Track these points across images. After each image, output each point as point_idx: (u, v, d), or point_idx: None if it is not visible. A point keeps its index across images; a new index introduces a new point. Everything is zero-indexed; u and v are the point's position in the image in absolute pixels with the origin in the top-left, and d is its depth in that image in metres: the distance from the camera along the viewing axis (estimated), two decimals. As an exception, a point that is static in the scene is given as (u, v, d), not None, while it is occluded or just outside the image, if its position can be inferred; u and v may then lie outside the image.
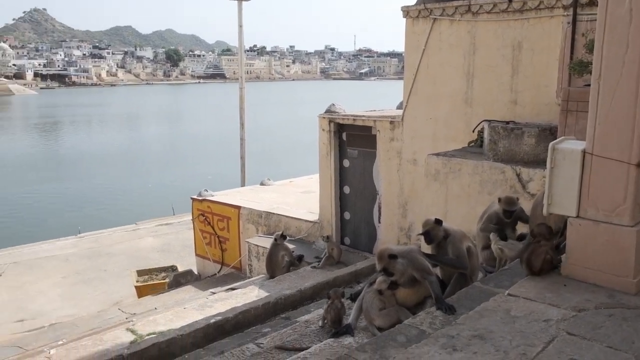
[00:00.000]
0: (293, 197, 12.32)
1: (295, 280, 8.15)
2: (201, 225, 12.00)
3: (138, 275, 11.62)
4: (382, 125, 8.55)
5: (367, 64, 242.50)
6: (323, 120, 9.54)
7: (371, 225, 9.29)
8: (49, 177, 32.76)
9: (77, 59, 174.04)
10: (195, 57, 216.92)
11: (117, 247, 15.32)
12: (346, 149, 9.48)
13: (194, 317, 6.75)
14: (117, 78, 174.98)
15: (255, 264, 10.14)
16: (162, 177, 32.47)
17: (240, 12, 19.48)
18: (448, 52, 7.48)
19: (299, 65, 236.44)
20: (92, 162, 37.87)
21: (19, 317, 10.92)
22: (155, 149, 45.26)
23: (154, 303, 9.78)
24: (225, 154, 35.67)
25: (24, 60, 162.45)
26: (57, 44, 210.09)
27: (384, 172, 8.66)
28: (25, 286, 12.55)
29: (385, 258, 3.86)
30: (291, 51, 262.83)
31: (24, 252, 15.15)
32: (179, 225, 16.75)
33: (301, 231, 10.24)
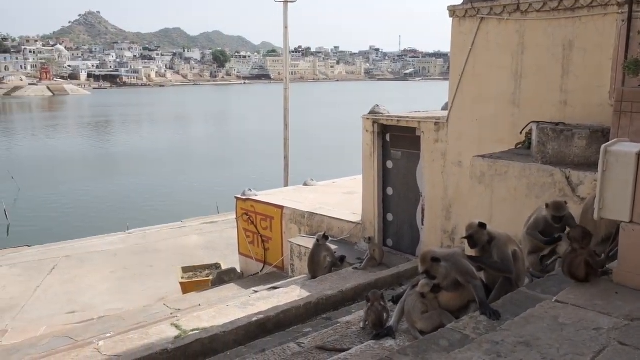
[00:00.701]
0: (336, 197, 12.32)
1: (336, 281, 8.15)
2: (245, 224, 12.14)
3: (183, 272, 11.86)
4: (426, 127, 8.45)
5: (411, 64, 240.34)
6: (367, 121, 9.51)
7: (414, 228, 9.19)
8: (100, 174, 33.88)
9: (128, 60, 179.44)
10: (241, 58, 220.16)
11: (163, 243, 15.69)
12: (390, 150, 9.41)
13: (237, 314, 6.84)
14: (166, 79, 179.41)
15: (297, 263, 10.19)
16: (208, 176, 33.08)
17: (286, 14, 19.64)
18: (495, 52, 7.33)
19: (343, 66, 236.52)
20: (141, 160, 38.94)
21: (70, 309, 11.34)
22: (201, 148, 46.16)
23: (198, 299, 9.96)
24: (269, 154, 36.00)
25: (78, 61, 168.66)
26: (110, 45, 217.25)
27: (428, 173, 8.55)
28: (76, 279, 13.01)
29: (428, 261, 3.82)
30: (335, 52, 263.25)
31: (75, 247, 15.71)
32: (223, 224, 17.02)
33: (343, 232, 10.24)
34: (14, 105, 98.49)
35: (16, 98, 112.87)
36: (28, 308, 11.41)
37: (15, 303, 11.62)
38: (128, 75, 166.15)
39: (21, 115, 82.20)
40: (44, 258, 14.61)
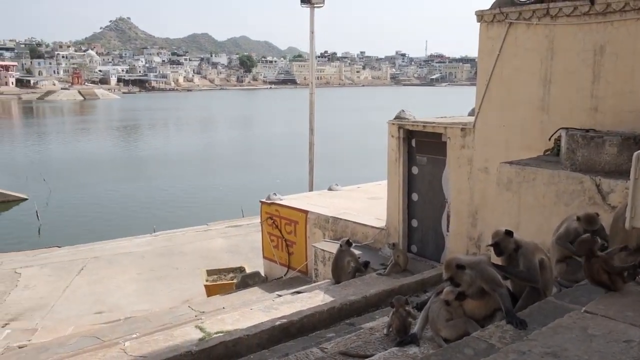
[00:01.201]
0: (360, 203, 12.30)
1: (360, 287, 8.12)
2: (269, 228, 12.19)
3: (208, 275, 11.96)
4: (452, 132, 8.38)
5: (438, 69, 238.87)
6: (392, 126, 9.47)
7: (439, 234, 9.11)
8: (129, 177, 34.43)
9: (156, 65, 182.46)
10: (267, 63, 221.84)
11: (189, 246, 15.86)
12: (415, 156, 9.36)
13: (260, 318, 6.87)
14: (193, 83, 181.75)
15: (321, 268, 10.19)
16: (233, 179, 33.34)
17: (312, 19, 19.72)
18: (524, 57, 7.23)
19: (369, 71, 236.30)
20: (168, 163, 39.47)
21: (97, 310, 11.53)
22: (227, 152, 46.58)
23: (222, 302, 10.03)
24: (294, 159, 36.12)
25: (108, 66, 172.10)
26: (139, 51, 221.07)
27: (454, 179, 8.47)
28: (104, 280, 13.24)
29: (453, 267, 3.78)
30: (361, 57, 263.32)
31: (104, 248, 15.99)
32: (248, 228, 17.12)
33: (368, 237, 10.20)
34: (47, 108, 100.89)
35: (49, 102, 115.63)
36: (57, 308, 11.65)
37: (45, 302, 11.87)
38: (156, 80, 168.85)
39: (53, 118, 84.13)
40: (73, 259, 14.90)
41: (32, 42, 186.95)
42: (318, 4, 19.45)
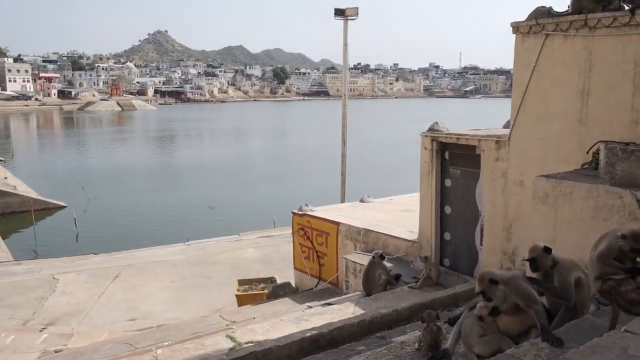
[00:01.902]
0: (392, 215, 12.21)
1: (391, 300, 8.04)
2: (300, 239, 12.21)
3: (239, 285, 12.03)
4: (487, 145, 8.26)
5: (472, 81, 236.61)
6: (425, 138, 9.40)
7: (472, 248, 8.96)
8: (163, 186, 35.07)
9: (192, 77, 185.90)
10: (301, 75, 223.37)
11: (221, 256, 16.01)
12: (448, 168, 9.26)
13: (290, 329, 6.86)
14: (228, 95, 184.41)
15: (352, 280, 10.14)
16: (265, 190, 33.58)
17: (346, 31, 19.81)
18: (561, 69, 7.10)
19: (402, 83, 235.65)
20: (202, 173, 40.03)
21: (131, 317, 11.72)
22: (260, 162, 47.01)
23: (252, 312, 10.07)
24: (327, 170, 36.19)
25: (146, 78, 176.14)
26: (176, 63, 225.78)
27: (488, 193, 8.34)
28: (137, 288, 13.46)
29: (486, 282, 3.71)
30: (394, 69, 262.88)
31: (138, 256, 16.28)
32: (280, 238, 17.19)
33: (399, 250, 10.11)
34: (87, 119, 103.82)
35: (88, 112, 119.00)
36: (92, 314, 11.89)
37: (81, 308, 12.14)
38: (192, 92, 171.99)
39: (92, 129, 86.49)
40: (108, 266, 15.22)
41: (74, 54, 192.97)
42: (352, 16, 19.55)
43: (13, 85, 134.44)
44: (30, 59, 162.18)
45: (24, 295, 12.90)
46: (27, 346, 9.85)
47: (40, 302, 12.50)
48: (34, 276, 14.47)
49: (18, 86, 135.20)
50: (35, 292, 13.15)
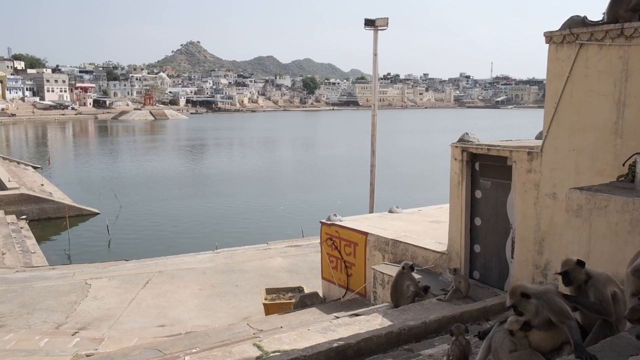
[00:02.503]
0: (421, 226, 12.11)
1: (419, 312, 7.95)
2: (328, 249, 12.19)
3: (267, 294, 12.06)
4: (518, 156, 8.13)
5: (504, 91, 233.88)
6: (455, 149, 9.31)
7: (503, 260, 8.81)
8: (193, 194, 35.51)
9: (223, 87, 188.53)
10: (330, 85, 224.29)
11: (249, 264, 16.09)
12: (479, 179, 9.14)
13: (317, 339, 6.84)
14: (258, 104, 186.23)
15: (379, 291, 10.07)
16: (294, 200, 33.68)
17: (376, 41, 19.83)
18: (596, 79, 6.96)
19: (432, 93, 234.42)
20: (231, 182, 40.42)
21: (160, 323, 11.85)
22: (288, 172, 47.22)
23: (280, 322, 10.08)
24: (355, 180, 36.17)
25: (178, 88, 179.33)
26: (207, 73, 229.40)
27: (519, 205, 8.20)
28: (167, 294, 13.62)
29: (517, 295, 3.64)
30: (424, 79, 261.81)
31: (167, 263, 16.49)
32: (307, 248, 17.20)
33: (428, 261, 10.00)
34: (120, 128, 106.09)
35: (122, 122, 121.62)
36: (123, 319, 12.07)
37: (112, 313, 12.34)
38: (223, 101, 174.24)
39: (125, 137, 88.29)
40: (139, 272, 15.45)
41: (109, 65, 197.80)
42: (382, 26, 19.57)
43: (51, 95, 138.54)
44: (67, 70, 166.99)
45: (57, 300, 13.19)
46: (60, 349, 10.05)
47: (72, 307, 12.76)
48: (67, 281, 14.78)
49: (56, 96, 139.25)
50: (68, 296, 13.43)
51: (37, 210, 26.69)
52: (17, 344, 10.38)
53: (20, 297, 13.33)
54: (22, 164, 45.29)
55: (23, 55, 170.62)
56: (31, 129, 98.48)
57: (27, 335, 10.95)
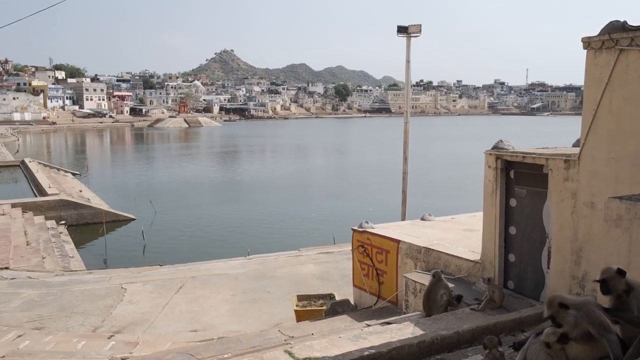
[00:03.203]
0: (454, 234, 11.95)
1: (452, 321, 7.84)
2: (360, 256, 12.15)
3: (298, 300, 12.08)
4: (555, 164, 7.96)
5: (539, 98, 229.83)
6: (489, 156, 9.18)
7: (538, 271, 8.62)
8: (226, 200, 35.91)
9: (256, 94, 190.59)
10: (362, 92, 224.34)
11: (280, 271, 16.15)
12: (513, 188, 8.98)
13: (348, 347, 6.81)
14: (290, 112, 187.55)
15: (411, 299, 9.97)
16: (325, 206, 33.71)
17: (409, 48, 19.75)
18: (636, 86, 6.77)
19: (466, 100, 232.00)
20: (263, 188, 40.72)
21: (193, 328, 11.99)
22: (320, 178, 47.30)
23: (311, 328, 10.07)
24: (387, 187, 35.97)
25: (212, 95, 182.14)
26: (240, 81, 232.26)
27: (556, 214, 8.02)
28: (200, 300, 13.77)
29: (555, 306, 3.55)
30: (458, 86, 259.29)
31: (200, 269, 16.68)
32: (339, 255, 17.16)
33: (461, 270, 9.87)
34: (155, 135, 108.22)
35: (157, 129, 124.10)
36: (157, 323, 12.26)
37: (146, 318, 12.55)
38: (255, 109, 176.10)
39: (160, 144, 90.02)
40: (173, 277, 15.67)
41: (145, 74, 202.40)
42: (415, 33, 19.48)
43: (90, 104, 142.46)
44: (105, 79, 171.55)
45: (94, 303, 13.49)
46: (96, 352, 10.27)
47: (109, 310, 13.03)
48: (103, 285, 15.11)
49: (94, 104, 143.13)
50: (104, 300, 13.73)
51: (76, 216, 27.40)
52: (56, 346, 10.65)
53: (59, 300, 13.68)
54: (62, 170, 46.62)
55: (64, 65, 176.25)
56: (70, 137, 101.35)
57: (65, 337, 11.22)
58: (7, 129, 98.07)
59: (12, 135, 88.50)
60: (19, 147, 71.74)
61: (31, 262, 18.35)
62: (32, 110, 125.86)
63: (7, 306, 13.22)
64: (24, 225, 23.78)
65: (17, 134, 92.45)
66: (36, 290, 14.54)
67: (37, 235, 22.47)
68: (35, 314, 12.74)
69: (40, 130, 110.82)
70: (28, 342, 10.83)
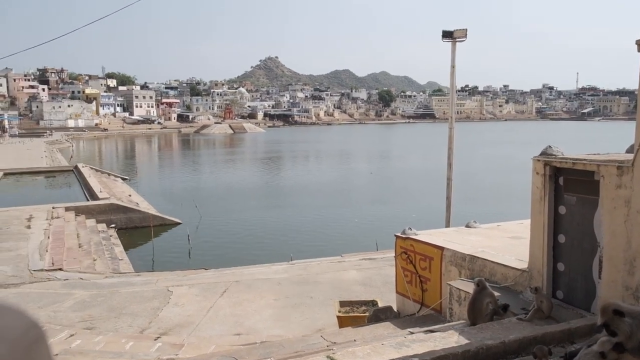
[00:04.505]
0: (500, 241, 11.69)
1: (498, 331, 7.66)
2: (403, 263, 12.04)
3: (340, 306, 12.05)
4: (607, 170, 7.70)
5: (590, 103, 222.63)
6: (537, 163, 8.95)
7: (589, 280, 8.33)
8: (270, 205, 36.25)
9: (300, 100, 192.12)
10: (406, 98, 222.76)
11: (323, 276, 16.17)
12: (563, 195, 8.72)
13: (391, 354, 6.76)
14: (333, 118, 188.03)
15: (456, 308, 9.80)
16: (368, 212, 33.57)
17: (454, 53, 19.49)
18: (695, 89, 6.49)
19: (513, 105, 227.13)
20: (306, 193, 40.91)
21: (236, 331, 12.14)
22: (363, 184, 47.16)
23: (353, 335, 10.04)
24: (431, 194, 35.55)
25: (256, 102, 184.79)
26: (284, 87, 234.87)
27: (608, 222, 7.74)
28: (243, 304, 13.94)
29: (609, 312, 3.44)
30: (504, 91, 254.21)
31: (244, 273, 16.88)
32: (382, 261, 17.05)
33: (507, 279, 9.64)
34: (202, 141, 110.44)
35: (203, 135, 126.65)
36: (202, 326, 12.47)
37: (191, 320, 12.79)
38: (299, 115, 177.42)
39: (206, 150, 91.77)
40: (217, 281, 15.92)
41: (192, 81, 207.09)
42: (460, 38, 19.22)
43: (139, 111, 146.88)
44: (154, 86, 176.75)
45: (142, 305, 13.85)
46: (144, 353, 10.53)
47: (155, 312, 13.34)
48: (150, 287, 15.50)
49: (143, 111, 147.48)
50: (151, 302, 14.07)
51: (125, 220, 28.23)
52: (106, 346, 10.99)
53: (108, 302, 14.11)
54: (112, 175, 48.15)
55: (115, 74, 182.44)
56: (121, 143, 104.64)
57: (114, 338, 11.57)
58: (62, 135, 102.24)
59: (66, 141, 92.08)
60: (72, 152, 74.63)
61: (83, 263, 19.01)
62: (85, 117, 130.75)
63: (61, 306, 13.74)
64: (76, 228, 24.68)
65: (71, 140, 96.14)
66: (87, 291, 15.05)
67: (89, 237, 23.27)
68: (86, 314, 13.18)
69: (93, 136, 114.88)
70: (79, 342, 11.22)
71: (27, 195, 36.09)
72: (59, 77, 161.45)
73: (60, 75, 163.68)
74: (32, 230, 22.46)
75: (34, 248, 19.58)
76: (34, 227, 23.03)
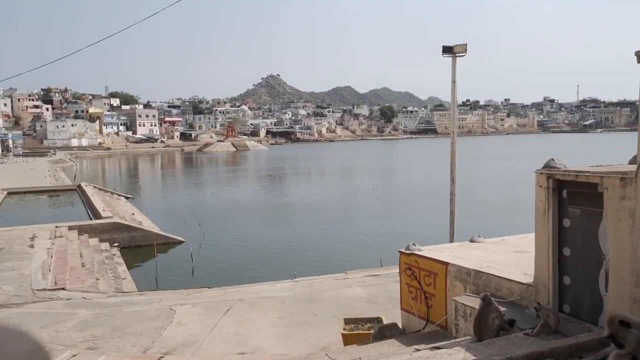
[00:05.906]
0: (504, 256, 11.61)
1: (505, 346, 7.57)
2: (407, 279, 11.95)
3: (345, 324, 11.94)
4: (610, 182, 7.66)
5: (592, 114, 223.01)
6: (540, 176, 8.92)
7: (596, 294, 8.25)
8: (273, 222, 36.19)
9: (302, 117, 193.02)
10: (408, 113, 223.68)
11: (327, 293, 16.05)
12: (566, 208, 8.67)
13: (397, 371, 6.67)
14: (336, 134, 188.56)
15: (461, 323, 9.70)
16: (372, 228, 33.46)
17: (454, 68, 19.57)
18: (696, 100, 6.48)
19: (514, 119, 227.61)
20: (309, 210, 40.84)
21: (240, 350, 12.03)
22: (366, 200, 47.08)
23: (358, 352, 9.93)
24: (434, 209, 35.45)
25: (259, 119, 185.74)
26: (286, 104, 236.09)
27: (613, 234, 7.69)
28: (247, 322, 13.83)
29: (615, 323, 3.39)
30: (506, 104, 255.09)
31: (248, 291, 16.78)
32: (386, 277, 16.94)
33: (513, 293, 9.55)
34: (204, 159, 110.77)
35: (206, 153, 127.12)
36: (205, 345, 12.36)
37: (194, 339, 12.68)
38: (301, 132, 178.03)
39: (209, 168, 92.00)
40: (220, 300, 15.82)
41: (194, 99, 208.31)
42: (460, 53, 19.30)
43: (142, 129, 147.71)
44: (157, 105, 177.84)
45: (145, 324, 13.75)
46: (146, 373, 10.43)
47: (159, 332, 13.24)
48: (154, 306, 15.41)
49: (146, 130, 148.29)
50: (154, 321, 13.98)
51: (128, 238, 28.19)
52: (108, 366, 10.89)
53: (111, 321, 14.02)
54: (116, 194, 48.23)
55: (118, 93, 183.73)
56: (124, 162, 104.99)
57: (117, 357, 11.47)
58: (66, 154, 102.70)
59: (70, 160, 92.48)
60: (76, 171, 74.81)
61: (86, 283, 18.94)
62: (88, 137, 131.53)
63: (63, 326, 13.65)
64: (79, 247, 24.65)
65: (74, 159, 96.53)
66: (90, 310, 14.97)
67: (92, 257, 23.22)
68: (89, 334, 13.09)
69: (96, 155, 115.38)
70: (82, 362, 11.12)
71: (30, 215, 36.14)
72: (62, 97, 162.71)
73: (64, 95, 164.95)
74: (35, 250, 22.43)
75: (36, 267, 19.53)
76: (37, 247, 23.00)
